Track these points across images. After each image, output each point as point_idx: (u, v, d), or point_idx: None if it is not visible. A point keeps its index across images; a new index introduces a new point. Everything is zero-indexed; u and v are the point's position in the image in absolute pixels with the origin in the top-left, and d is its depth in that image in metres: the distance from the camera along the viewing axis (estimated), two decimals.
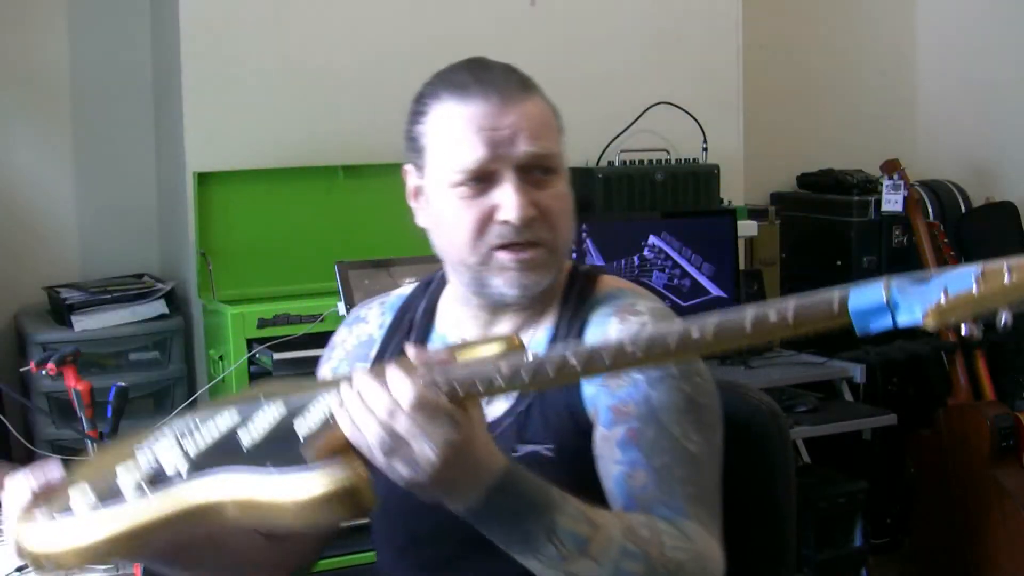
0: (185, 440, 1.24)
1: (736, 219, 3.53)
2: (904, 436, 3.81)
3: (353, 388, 1.12)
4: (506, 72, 1.39)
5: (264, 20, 3.34)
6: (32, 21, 3.50)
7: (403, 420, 1.08)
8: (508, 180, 1.34)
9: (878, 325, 0.99)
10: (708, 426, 1.32)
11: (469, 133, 1.34)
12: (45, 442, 3.12)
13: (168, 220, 3.55)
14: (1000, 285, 0.96)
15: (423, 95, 1.43)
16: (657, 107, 3.68)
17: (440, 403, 1.09)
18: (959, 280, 0.97)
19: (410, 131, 1.43)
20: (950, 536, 3.68)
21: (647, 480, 1.26)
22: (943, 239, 3.82)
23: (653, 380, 1.30)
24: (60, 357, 2.27)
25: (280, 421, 1.20)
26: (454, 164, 1.35)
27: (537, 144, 1.35)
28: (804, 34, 4.52)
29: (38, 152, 3.53)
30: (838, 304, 0.99)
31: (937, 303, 0.96)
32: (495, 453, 1.15)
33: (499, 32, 3.57)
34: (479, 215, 1.35)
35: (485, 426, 1.16)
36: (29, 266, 3.49)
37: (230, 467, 1.18)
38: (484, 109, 1.34)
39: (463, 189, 1.35)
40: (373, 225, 3.33)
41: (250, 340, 2.96)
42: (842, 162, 4.29)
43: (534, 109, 1.37)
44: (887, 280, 0.99)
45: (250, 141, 3.30)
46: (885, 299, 0.97)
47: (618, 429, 1.30)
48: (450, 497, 1.14)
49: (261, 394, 1.26)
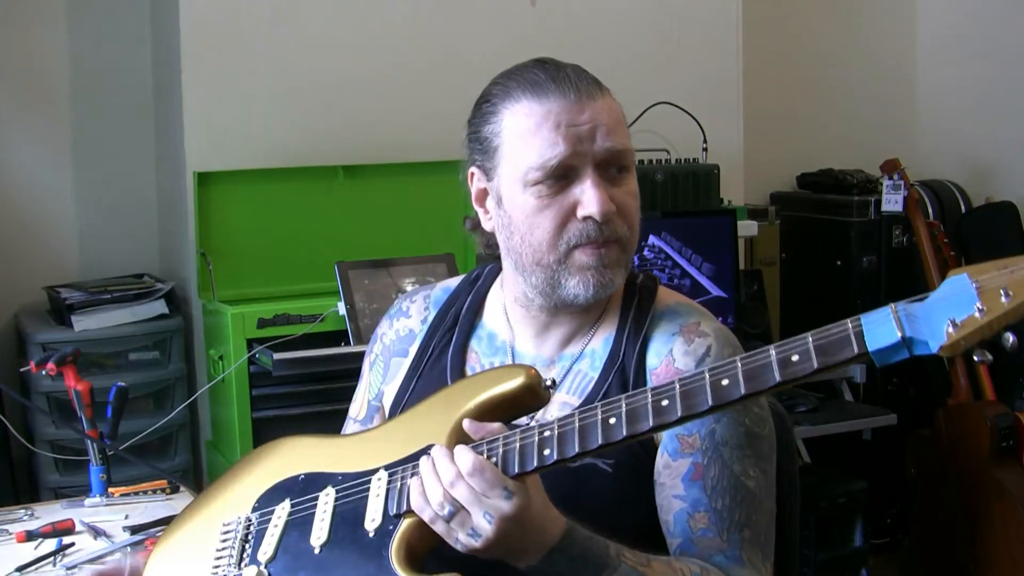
0: (251, 546, 1.30)
1: (736, 219, 3.52)
2: (904, 436, 3.81)
3: (428, 460, 1.21)
4: (578, 70, 1.38)
5: (264, 20, 3.34)
6: (32, 20, 3.50)
7: (462, 488, 1.16)
8: (588, 176, 1.33)
9: (896, 358, 1.04)
10: (765, 457, 1.35)
11: (548, 130, 1.32)
12: (45, 442, 3.12)
13: (168, 220, 3.55)
14: (1000, 304, 0.99)
15: (492, 95, 1.40)
16: (657, 107, 3.68)
17: (495, 472, 1.16)
18: (960, 305, 1.00)
19: (478, 133, 1.41)
20: (950, 536, 3.67)
21: (707, 524, 1.29)
22: (943, 239, 3.82)
23: (718, 413, 1.30)
24: (60, 357, 2.28)
25: (336, 510, 1.27)
26: (533, 161, 1.33)
27: (614, 140, 1.34)
28: (804, 34, 4.52)
29: (38, 152, 3.53)
30: (857, 346, 1.04)
31: (948, 335, 0.99)
32: (555, 518, 1.19)
33: (499, 32, 3.57)
34: (560, 213, 1.34)
35: (543, 493, 1.20)
36: (29, 266, 3.49)
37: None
38: (563, 105, 1.33)
39: (541, 187, 1.33)
40: (373, 225, 3.33)
41: (250, 340, 2.96)
42: (842, 162, 4.29)
43: (609, 106, 1.37)
44: (895, 313, 1.03)
45: (250, 141, 3.30)
46: (900, 337, 1.02)
47: (683, 462, 1.32)
48: (509, 558, 1.19)
49: (301, 474, 1.33)
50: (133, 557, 1.89)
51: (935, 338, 1.00)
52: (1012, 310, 0.99)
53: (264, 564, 1.28)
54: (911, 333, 1.01)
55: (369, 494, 1.26)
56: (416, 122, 3.43)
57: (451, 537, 1.18)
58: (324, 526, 1.27)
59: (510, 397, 1.24)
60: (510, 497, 1.15)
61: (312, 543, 1.26)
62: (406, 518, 1.22)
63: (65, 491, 2.97)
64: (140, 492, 2.22)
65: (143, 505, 2.17)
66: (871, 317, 1.05)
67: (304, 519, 1.29)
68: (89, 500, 2.19)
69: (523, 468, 1.17)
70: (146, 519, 2.06)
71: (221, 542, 1.35)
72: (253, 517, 1.34)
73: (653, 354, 1.38)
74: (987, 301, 0.99)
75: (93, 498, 2.19)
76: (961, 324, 0.99)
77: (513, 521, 1.15)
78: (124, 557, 1.89)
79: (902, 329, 1.02)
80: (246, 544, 1.32)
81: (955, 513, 3.66)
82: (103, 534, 2.01)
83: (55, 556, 1.89)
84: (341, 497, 1.28)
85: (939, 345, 1.00)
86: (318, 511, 1.29)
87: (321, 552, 1.25)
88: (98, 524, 2.05)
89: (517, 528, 1.15)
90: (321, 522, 1.27)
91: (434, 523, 1.19)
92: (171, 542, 1.43)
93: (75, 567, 1.86)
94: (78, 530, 2.03)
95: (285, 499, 1.33)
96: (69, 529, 2.02)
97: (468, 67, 3.50)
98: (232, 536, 1.34)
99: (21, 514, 2.13)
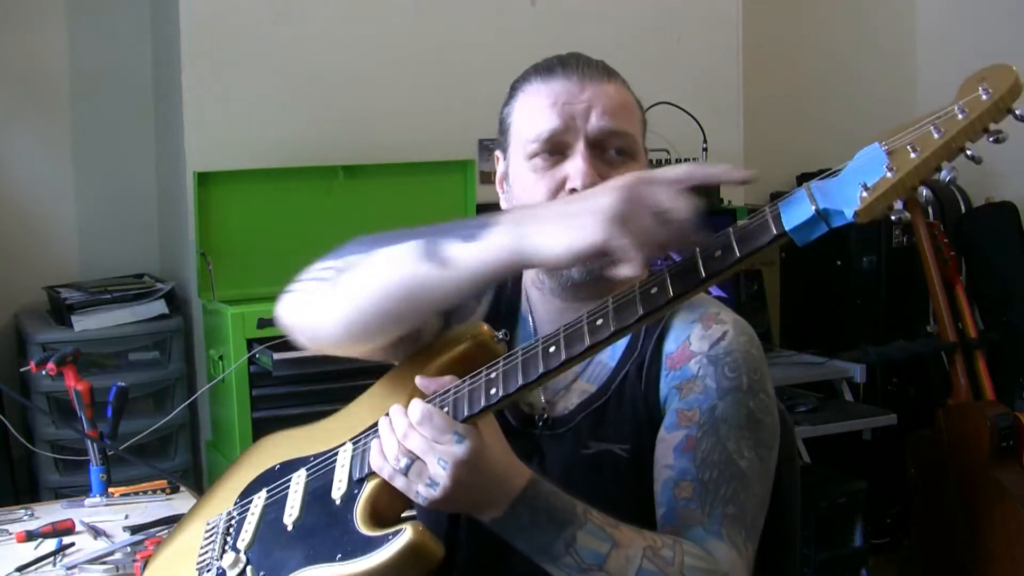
0: (231, 536, 1.33)
1: (736, 219, 3.51)
2: (904, 436, 3.81)
3: (385, 419, 1.22)
4: (593, 60, 1.42)
5: (264, 20, 3.34)
6: (32, 21, 3.50)
7: (415, 437, 1.17)
8: (578, 151, 1.36)
9: (816, 234, 1.05)
10: (763, 444, 1.33)
11: (546, 106, 1.37)
12: (45, 442, 3.12)
13: (168, 220, 3.55)
14: (909, 161, 0.99)
15: (515, 83, 1.46)
16: (657, 107, 3.67)
17: (445, 418, 1.16)
18: (871, 170, 1.00)
19: (500, 116, 1.47)
20: (950, 536, 3.67)
21: (692, 493, 1.28)
22: (943, 239, 3.82)
23: (723, 391, 1.32)
24: (60, 357, 2.28)
25: (307, 487, 1.30)
26: (530, 134, 1.38)
27: (610, 120, 1.37)
28: (804, 34, 4.52)
29: (38, 152, 3.54)
30: (775, 227, 1.05)
31: (862, 199, 0.99)
32: (519, 468, 1.19)
33: (499, 32, 3.58)
34: (551, 185, 1.37)
35: (503, 440, 1.20)
36: (29, 266, 3.50)
37: (287, 553, 1.25)
38: (564, 86, 1.38)
39: (537, 160, 1.37)
40: (373, 225, 3.31)
41: (250, 340, 2.97)
42: (842, 161, 4.26)
43: (614, 91, 1.39)
44: (808, 190, 1.04)
45: (250, 141, 3.30)
46: (815, 210, 1.02)
47: (678, 433, 1.32)
48: (474, 511, 1.19)
49: (276, 464, 1.37)
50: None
51: (849, 205, 1.00)
52: (921, 164, 0.99)
53: (243, 551, 1.30)
54: (824, 204, 1.02)
55: (336, 466, 1.28)
56: (416, 122, 3.44)
57: (412, 491, 1.18)
58: (296, 504, 1.29)
59: (466, 355, 1.26)
60: (462, 440, 1.15)
61: (285, 522, 1.28)
62: (369, 480, 1.23)
63: (65, 491, 2.97)
64: (140, 492, 2.22)
65: (143, 505, 2.17)
66: (788, 199, 1.06)
67: (278, 502, 1.32)
68: (89, 500, 2.19)
69: (472, 410, 1.17)
70: (146, 519, 2.06)
71: (205, 540, 1.38)
72: (234, 511, 1.38)
73: (671, 340, 1.38)
74: (896, 160, 0.99)
75: (93, 498, 2.20)
76: (873, 187, 0.99)
77: (468, 465, 1.14)
78: (124, 558, 1.89)
79: (815, 202, 1.02)
80: (227, 536, 1.34)
81: (955, 513, 3.66)
82: (103, 534, 2.01)
83: (55, 556, 1.90)
84: (312, 475, 1.31)
85: (853, 211, 1.00)
86: (291, 492, 1.31)
87: (293, 528, 1.27)
88: (98, 524, 2.05)
89: (474, 474, 1.15)
90: (293, 501, 1.30)
91: (394, 479, 1.19)
92: (163, 552, 1.47)
93: (75, 567, 1.86)
94: (78, 530, 2.03)
95: (262, 489, 1.36)
96: (69, 529, 2.02)
97: (468, 67, 3.51)
98: (215, 532, 1.37)
99: (21, 514, 2.13)
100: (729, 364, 1.33)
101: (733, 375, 1.32)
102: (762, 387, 1.34)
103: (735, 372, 1.32)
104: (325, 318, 1.31)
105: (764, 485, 1.33)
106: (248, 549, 1.30)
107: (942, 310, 3.75)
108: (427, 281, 1.20)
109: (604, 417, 1.37)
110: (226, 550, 1.32)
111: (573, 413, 1.38)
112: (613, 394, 1.37)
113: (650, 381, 1.36)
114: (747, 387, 1.32)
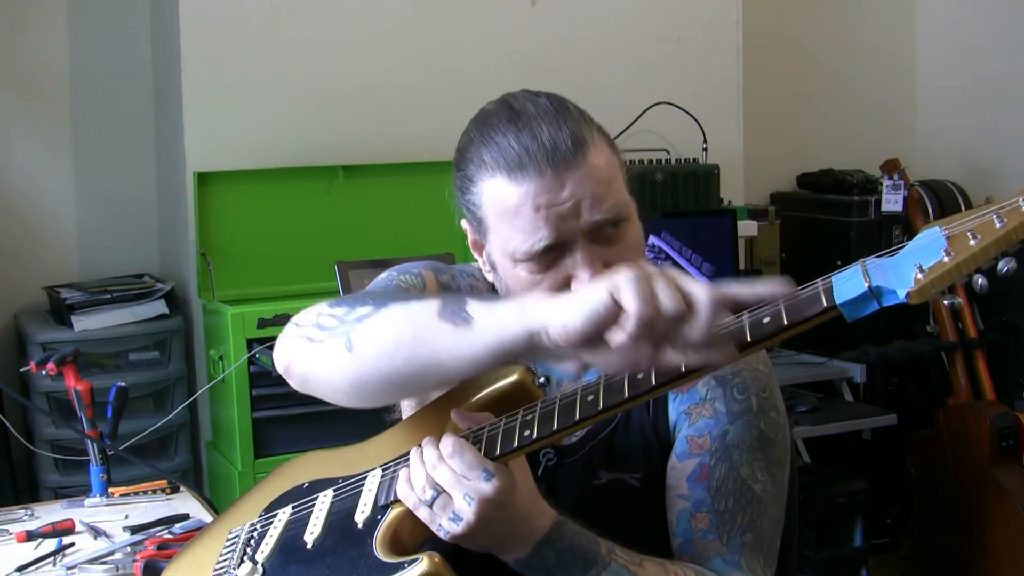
0: (251, 547, 1.34)
1: (736, 219, 3.52)
2: (904, 436, 3.81)
3: (416, 450, 1.22)
4: (554, 125, 1.26)
5: (264, 20, 3.34)
6: (32, 22, 3.50)
7: (443, 470, 1.17)
8: (578, 250, 1.26)
9: (867, 311, 1.02)
10: (775, 463, 1.33)
11: (528, 212, 1.24)
12: (45, 442, 3.12)
13: (168, 220, 3.55)
14: (967, 247, 0.98)
15: (467, 160, 1.31)
16: (657, 107, 3.68)
17: (476, 454, 1.16)
18: (929, 252, 0.99)
19: (462, 197, 1.34)
20: (950, 536, 3.68)
21: (709, 524, 1.28)
22: None
23: (733, 415, 1.31)
24: (60, 357, 2.28)
25: (332, 508, 1.30)
26: (518, 245, 1.26)
27: (601, 208, 1.25)
28: (804, 34, 4.52)
29: (38, 152, 3.53)
30: (825, 300, 1.02)
31: (916, 280, 0.98)
32: (544, 509, 1.19)
33: (499, 32, 3.57)
34: (554, 286, 1.27)
35: (531, 482, 1.19)
36: (29, 266, 3.49)
37: (303, 570, 1.26)
38: (540, 185, 1.24)
39: (531, 264, 1.27)
40: (373, 225, 3.33)
41: (250, 340, 2.96)
42: (842, 162, 4.29)
43: (592, 168, 1.25)
44: (862, 265, 1.02)
45: (250, 141, 3.30)
46: (867, 287, 1.00)
47: (690, 462, 1.31)
48: (497, 550, 1.18)
49: (305, 482, 1.38)
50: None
51: (902, 285, 0.98)
52: (980, 251, 0.97)
53: (261, 563, 1.31)
54: (878, 283, 1.00)
55: (363, 490, 1.28)
56: (416, 122, 3.43)
57: (435, 524, 1.17)
58: (319, 523, 1.29)
59: (504, 394, 1.25)
60: (490, 478, 1.14)
61: (306, 539, 1.29)
62: (394, 508, 1.23)
63: (65, 491, 2.97)
64: (140, 492, 2.22)
65: (143, 505, 2.17)
66: (841, 273, 1.04)
67: (302, 519, 1.33)
68: (89, 500, 2.19)
69: (504, 450, 1.16)
70: (146, 519, 2.06)
71: (226, 547, 1.39)
72: (257, 524, 1.39)
73: None
74: (955, 245, 0.98)
75: (93, 498, 2.19)
76: (929, 269, 0.97)
77: (494, 504, 1.14)
78: (124, 558, 1.89)
79: (869, 279, 1.00)
80: (247, 547, 1.35)
81: (955, 513, 3.66)
82: (103, 534, 2.01)
83: (55, 556, 1.89)
84: (338, 496, 1.32)
85: (907, 291, 0.98)
86: (315, 510, 1.32)
87: (313, 547, 1.28)
88: (98, 524, 2.05)
89: (500, 513, 1.15)
90: (316, 520, 1.30)
91: (418, 509, 1.18)
92: (182, 558, 1.48)
93: (75, 567, 1.86)
94: (78, 530, 2.03)
95: (288, 505, 1.37)
96: (69, 529, 2.02)
97: (468, 67, 3.51)
98: (235, 542, 1.39)
99: (21, 514, 2.13)
100: (738, 386, 1.33)
101: (742, 397, 1.32)
102: (772, 405, 1.34)
103: (744, 394, 1.32)
104: (329, 373, 1.25)
105: (778, 504, 1.34)
106: (266, 561, 1.31)
107: (942, 310, 3.75)
108: (441, 343, 1.12)
109: (613, 445, 1.36)
110: (244, 560, 1.33)
111: (582, 442, 1.37)
112: (620, 422, 1.36)
113: (658, 407, 1.35)
114: (757, 408, 1.32)
